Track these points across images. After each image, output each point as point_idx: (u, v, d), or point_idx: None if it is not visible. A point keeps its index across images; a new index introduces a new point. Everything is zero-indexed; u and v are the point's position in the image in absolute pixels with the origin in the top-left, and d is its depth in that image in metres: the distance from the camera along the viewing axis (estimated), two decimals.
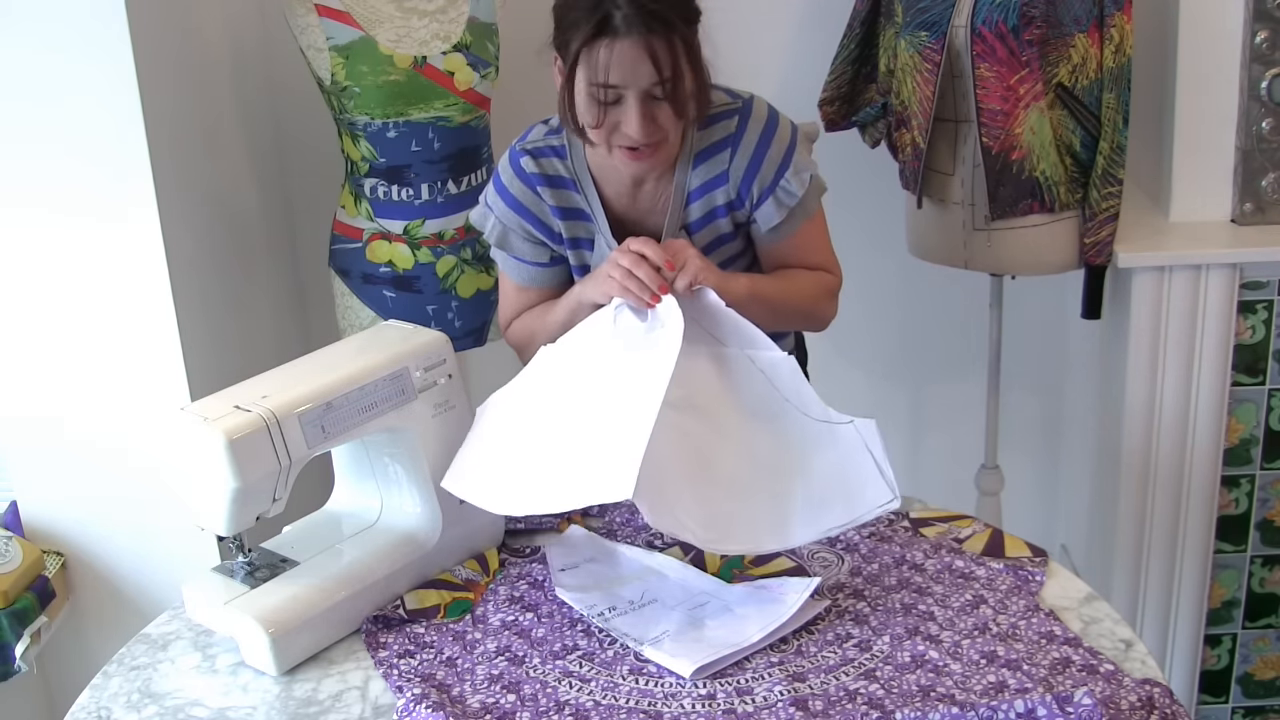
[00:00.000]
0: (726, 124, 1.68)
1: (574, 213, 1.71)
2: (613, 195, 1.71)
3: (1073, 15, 2.15)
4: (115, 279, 2.02)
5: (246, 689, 1.50)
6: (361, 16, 2.14)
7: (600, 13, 1.50)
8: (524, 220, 1.71)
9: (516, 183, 1.70)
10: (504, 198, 1.72)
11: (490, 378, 2.85)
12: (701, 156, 1.68)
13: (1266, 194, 2.36)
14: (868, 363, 2.93)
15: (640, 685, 1.45)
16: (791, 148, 1.69)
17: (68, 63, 1.92)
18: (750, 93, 1.72)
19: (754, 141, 1.67)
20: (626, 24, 1.49)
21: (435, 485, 1.66)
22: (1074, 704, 1.32)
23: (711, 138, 1.68)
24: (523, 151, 1.71)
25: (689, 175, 1.69)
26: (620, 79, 1.52)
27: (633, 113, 1.54)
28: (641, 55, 1.50)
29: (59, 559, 2.12)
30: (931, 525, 1.73)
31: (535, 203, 1.70)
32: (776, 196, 1.69)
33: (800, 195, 1.70)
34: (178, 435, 1.51)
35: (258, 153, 2.57)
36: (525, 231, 1.71)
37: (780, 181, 1.69)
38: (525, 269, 1.74)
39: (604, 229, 1.71)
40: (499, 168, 1.74)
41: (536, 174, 1.69)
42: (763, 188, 1.69)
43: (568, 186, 1.70)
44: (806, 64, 2.58)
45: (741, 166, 1.68)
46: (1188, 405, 2.37)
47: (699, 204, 1.70)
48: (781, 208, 1.70)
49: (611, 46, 1.50)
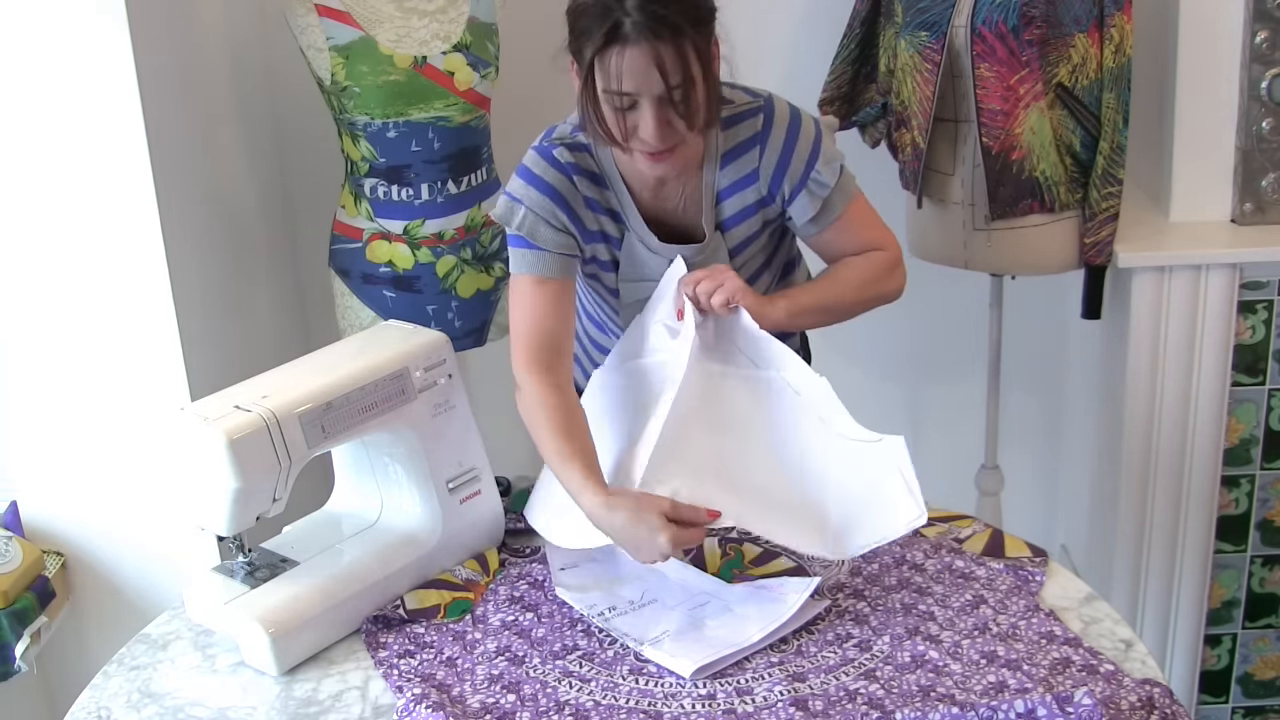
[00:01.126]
0: (752, 122, 1.69)
1: (605, 208, 1.71)
2: (639, 192, 1.71)
3: (1073, 15, 2.15)
4: (115, 279, 2.02)
5: (246, 689, 1.50)
6: (361, 16, 2.14)
7: (610, 20, 1.49)
8: (558, 208, 1.68)
9: (552, 171, 1.68)
10: (537, 186, 1.68)
11: (490, 378, 2.87)
12: (729, 156, 1.69)
13: (1266, 194, 2.36)
14: (868, 363, 2.93)
15: (640, 685, 1.45)
16: (818, 140, 1.71)
17: (68, 63, 1.92)
18: (768, 91, 1.73)
19: (781, 138, 1.68)
20: (636, 31, 1.49)
21: (435, 485, 1.67)
22: (1074, 704, 1.32)
23: (738, 137, 1.69)
24: (555, 144, 1.70)
25: (717, 175, 1.70)
26: (634, 86, 1.52)
27: (648, 118, 1.54)
28: (652, 62, 1.50)
29: (59, 559, 2.12)
30: (931, 525, 1.73)
31: (571, 191, 1.69)
32: (809, 189, 1.70)
33: (832, 184, 1.71)
34: (178, 435, 1.51)
35: (258, 153, 2.57)
36: (559, 220, 1.68)
37: (811, 174, 1.70)
38: (549, 259, 1.69)
39: (637, 224, 1.71)
40: (526, 163, 1.71)
41: (572, 163, 1.69)
42: (794, 183, 1.70)
43: (600, 182, 1.70)
44: (806, 64, 2.58)
45: (771, 163, 1.69)
46: (1188, 405, 2.37)
47: (731, 202, 1.71)
48: (815, 199, 1.71)
49: (623, 54, 1.50)
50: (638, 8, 1.48)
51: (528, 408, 1.65)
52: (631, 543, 1.50)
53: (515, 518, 1.80)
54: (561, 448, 1.58)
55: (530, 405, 1.65)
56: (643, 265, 1.74)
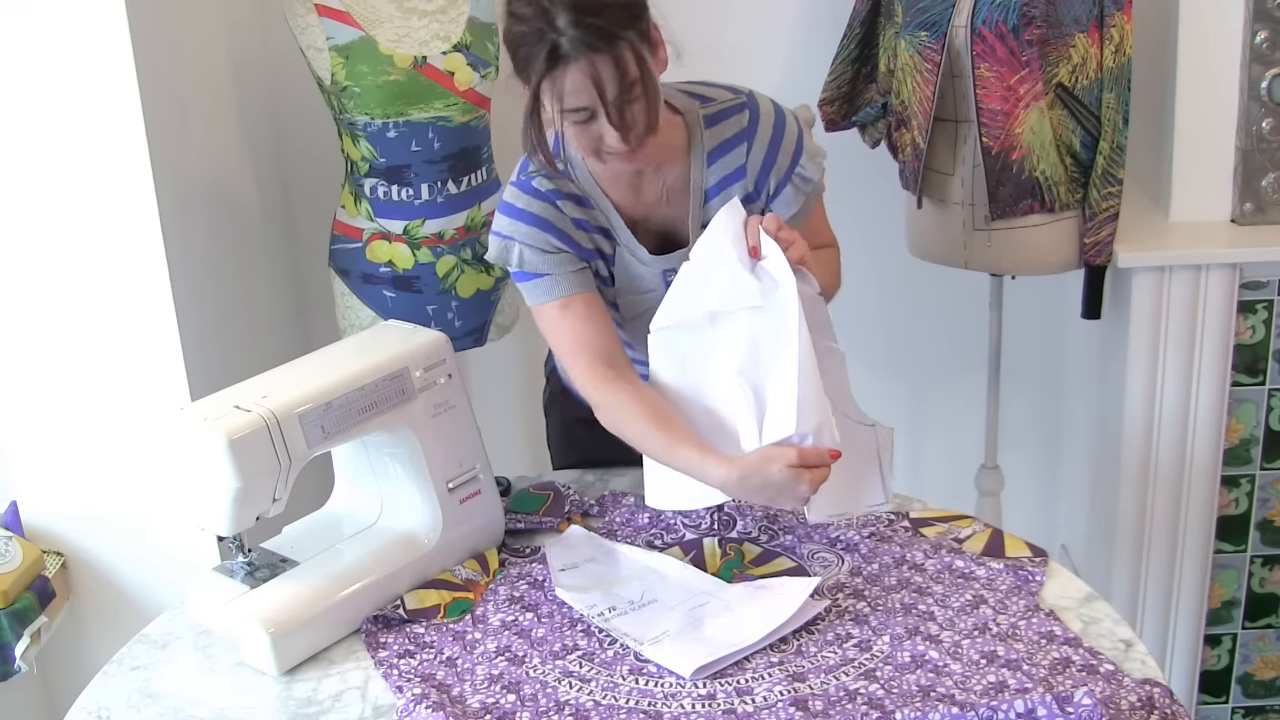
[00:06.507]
0: (738, 119, 1.69)
1: (595, 226, 1.71)
2: (620, 200, 1.71)
3: (1073, 15, 2.15)
4: (115, 279, 2.02)
5: (246, 689, 1.50)
6: (361, 16, 2.14)
7: (546, 44, 1.49)
8: (550, 235, 1.67)
9: (536, 202, 1.68)
10: (525, 219, 1.68)
11: (490, 378, 2.87)
12: (716, 154, 1.69)
13: (1266, 194, 2.36)
14: (868, 363, 2.93)
15: (640, 685, 1.45)
16: (801, 136, 1.72)
17: (68, 63, 1.92)
18: (748, 88, 1.73)
19: (768, 134, 1.69)
20: (574, 47, 1.48)
21: (435, 485, 1.67)
22: (1074, 704, 1.32)
23: (724, 134, 1.69)
24: (533, 175, 1.69)
25: (705, 174, 1.70)
26: (585, 100, 1.52)
27: (609, 127, 1.54)
28: (594, 75, 1.50)
29: (59, 559, 2.12)
30: (931, 525, 1.73)
31: (559, 217, 1.68)
32: (794, 184, 1.71)
33: (816, 180, 1.73)
34: (178, 435, 1.51)
35: (258, 153, 2.57)
36: (553, 246, 1.67)
37: (796, 169, 1.71)
38: (562, 280, 1.68)
39: (627, 239, 1.71)
40: (508, 199, 1.70)
41: (554, 190, 1.68)
42: (779, 177, 1.70)
43: (583, 203, 1.70)
44: (806, 64, 2.58)
45: (759, 159, 1.69)
46: (1188, 405, 2.37)
47: (718, 200, 1.71)
48: (799, 194, 1.72)
49: (565, 73, 1.50)
50: (570, 25, 1.47)
51: (614, 421, 1.63)
52: (774, 500, 1.53)
53: (515, 517, 1.80)
54: (664, 439, 1.57)
55: (615, 417, 1.63)
56: (637, 279, 1.74)
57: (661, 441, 1.57)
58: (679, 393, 1.61)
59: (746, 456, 1.52)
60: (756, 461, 1.50)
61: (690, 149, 1.69)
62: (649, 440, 1.59)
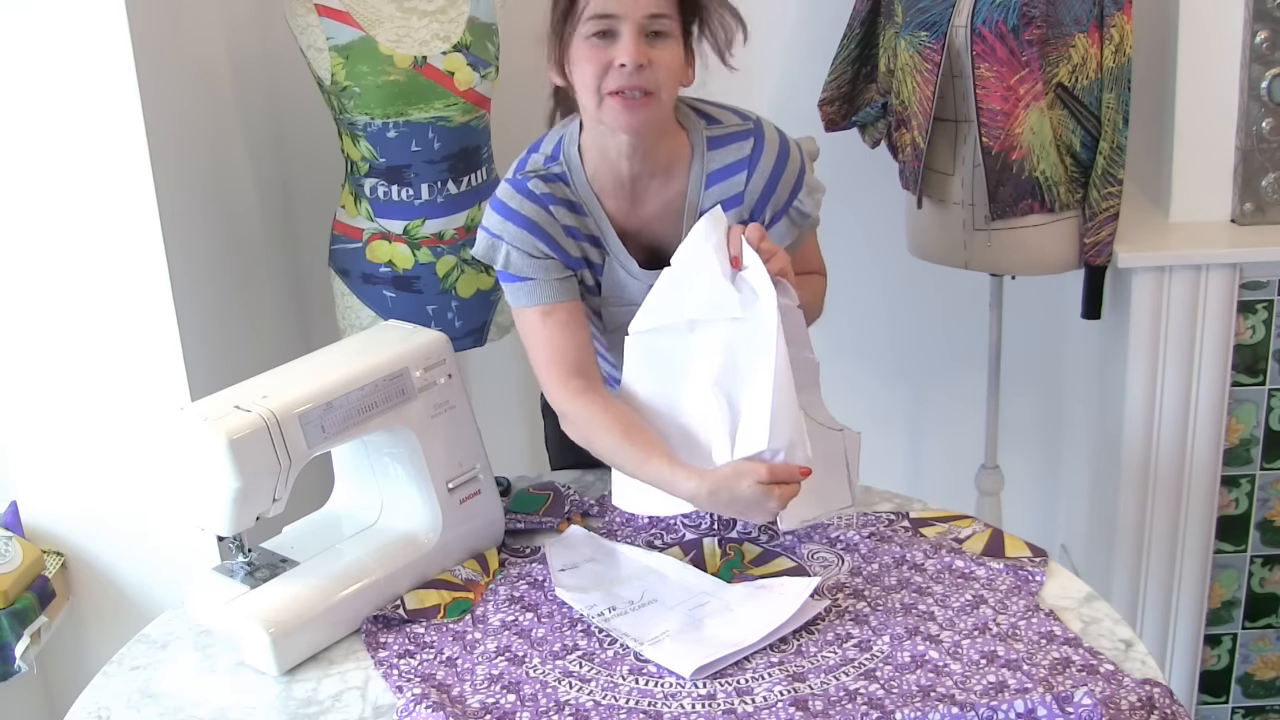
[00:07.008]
0: (740, 145, 1.69)
1: (585, 234, 1.71)
2: (615, 210, 1.70)
3: (1073, 15, 2.15)
4: (115, 279, 2.02)
5: (246, 689, 1.50)
6: (361, 16, 2.14)
7: None
8: (539, 240, 1.67)
9: (528, 204, 1.68)
10: (515, 220, 1.68)
11: (490, 378, 2.87)
12: (715, 177, 1.69)
13: (1266, 194, 2.36)
14: (868, 363, 2.93)
15: (640, 685, 1.45)
16: (803, 169, 1.72)
17: (68, 63, 1.92)
18: (756, 114, 1.73)
19: (770, 165, 1.69)
20: None
21: (435, 485, 1.67)
22: (1074, 704, 1.32)
23: (725, 159, 1.69)
24: (529, 176, 1.69)
25: (702, 195, 1.70)
26: (619, 8, 1.54)
27: (627, 41, 1.55)
28: None
29: (59, 559, 2.12)
30: (931, 525, 1.73)
31: (550, 222, 1.68)
32: (790, 216, 1.72)
33: (812, 215, 1.74)
34: (178, 435, 1.51)
35: (258, 153, 2.57)
36: (540, 251, 1.67)
37: (794, 202, 1.72)
38: (546, 286, 1.68)
39: (617, 249, 1.71)
40: (500, 197, 1.70)
41: (548, 194, 1.68)
42: (776, 209, 1.70)
43: (577, 210, 1.70)
44: (806, 64, 2.57)
45: (758, 188, 1.69)
46: (1188, 405, 2.37)
47: None
48: (794, 227, 1.73)
49: None
50: None
51: (582, 432, 1.66)
52: (742, 514, 1.55)
53: (515, 517, 1.80)
54: (633, 453, 1.59)
55: (584, 428, 1.65)
56: (624, 290, 1.73)
57: (632, 455, 1.59)
58: (652, 400, 1.63)
59: (717, 470, 1.54)
60: (727, 476, 1.52)
61: (690, 167, 1.69)
62: (620, 454, 1.61)
